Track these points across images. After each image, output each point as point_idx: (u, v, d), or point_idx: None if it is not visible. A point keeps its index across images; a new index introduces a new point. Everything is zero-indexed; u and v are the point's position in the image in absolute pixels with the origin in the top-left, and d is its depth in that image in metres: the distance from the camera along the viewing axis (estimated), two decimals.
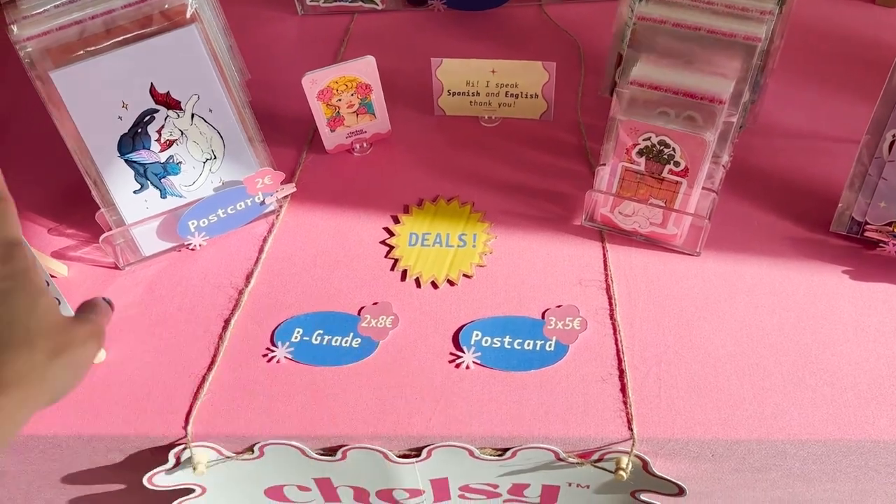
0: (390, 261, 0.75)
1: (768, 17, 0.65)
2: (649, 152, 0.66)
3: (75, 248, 0.78)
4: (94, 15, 0.66)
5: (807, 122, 0.83)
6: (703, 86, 0.63)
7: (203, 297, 0.74)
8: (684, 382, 0.65)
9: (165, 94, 0.69)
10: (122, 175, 0.72)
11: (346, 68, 0.75)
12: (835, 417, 0.62)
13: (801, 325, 0.67)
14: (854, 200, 0.70)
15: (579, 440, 0.63)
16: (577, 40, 0.94)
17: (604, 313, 0.69)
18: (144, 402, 0.67)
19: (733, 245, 0.73)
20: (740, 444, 0.63)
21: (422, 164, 0.83)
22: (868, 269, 0.70)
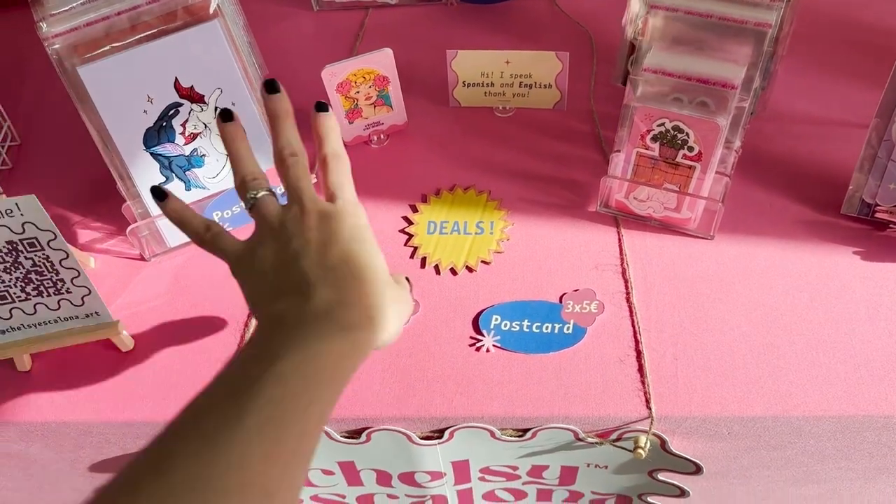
0: (410, 248, 0.76)
1: (778, 3, 0.67)
2: (663, 138, 0.68)
3: (102, 241, 0.80)
4: (120, 11, 0.67)
5: (816, 107, 0.84)
6: (715, 71, 0.65)
7: (227, 287, 0.73)
8: (700, 362, 0.66)
9: (189, 88, 0.71)
10: (148, 168, 0.73)
11: (364, 61, 0.77)
12: (849, 394, 0.63)
13: (813, 305, 0.69)
14: (864, 183, 0.71)
15: (598, 419, 0.65)
16: (588, 31, 0.95)
17: (620, 296, 0.71)
18: (172, 389, 0.69)
19: (746, 228, 0.74)
20: (756, 421, 0.64)
21: (438, 154, 0.85)
22: (879, 250, 0.72)
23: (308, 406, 0.42)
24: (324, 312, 0.46)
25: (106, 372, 0.70)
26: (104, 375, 0.70)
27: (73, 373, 0.70)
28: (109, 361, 0.71)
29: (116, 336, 0.70)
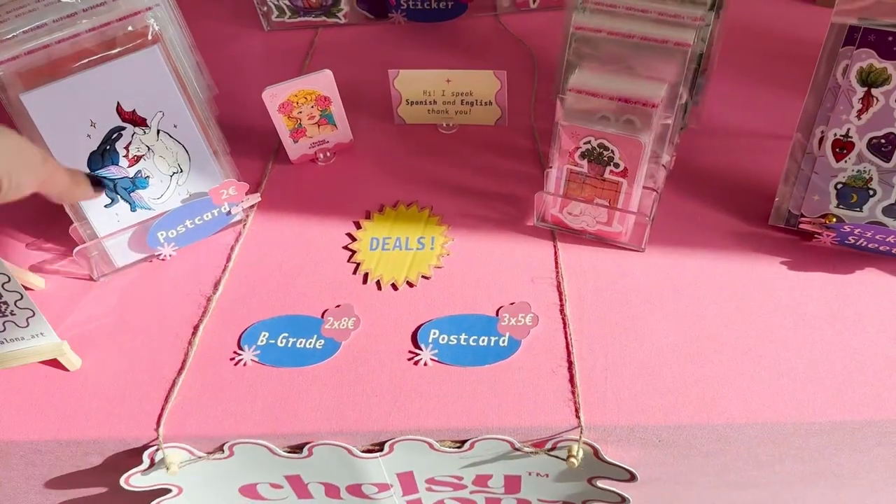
0: (352, 265, 0.78)
1: (699, 22, 0.69)
2: (590, 155, 0.70)
3: (52, 262, 0.81)
4: (61, 39, 0.69)
5: (748, 120, 0.87)
6: (637, 91, 0.67)
7: (173, 304, 0.77)
8: (629, 372, 0.68)
9: (131, 112, 0.72)
10: None
11: (304, 82, 0.79)
12: (772, 401, 0.65)
13: (740, 315, 0.71)
14: (790, 194, 0.73)
15: (531, 430, 0.67)
16: (530, 49, 0.97)
17: (554, 309, 0.73)
18: (118, 405, 0.70)
19: (677, 240, 0.76)
20: (684, 429, 0.66)
21: (383, 171, 0.86)
22: (804, 260, 0.74)
23: None
24: None
25: (54, 391, 0.71)
26: (52, 394, 0.71)
27: (20, 393, 0.71)
28: (57, 380, 0.72)
29: (62, 356, 0.71)
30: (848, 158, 0.69)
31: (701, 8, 0.70)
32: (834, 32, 0.64)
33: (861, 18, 0.63)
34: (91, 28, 0.70)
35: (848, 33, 0.64)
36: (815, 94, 0.68)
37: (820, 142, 0.70)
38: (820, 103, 0.68)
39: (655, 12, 0.70)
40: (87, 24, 0.69)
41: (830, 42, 0.65)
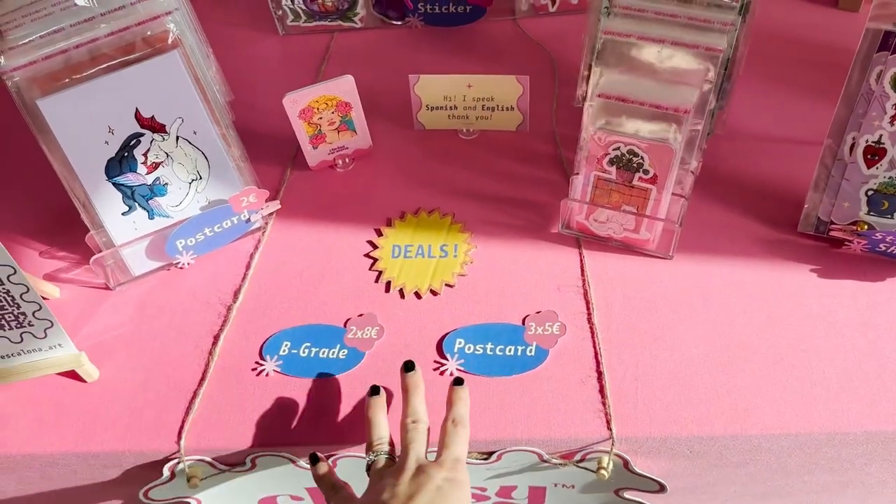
0: (374, 273, 0.77)
1: (730, 28, 0.68)
2: (619, 161, 0.69)
3: (67, 270, 0.80)
4: (79, 44, 0.68)
5: (773, 125, 0.86)
6: (668, 97, 0.66)
7: (192, 314, 0.75)
8: (660, 382, 0.67)
9: (150, 119, 0.71)
10: (111, 198, 0.74)
11: (325, 88, 0.78)
12: (805, 411, 0.64)
13: (770, 323, 0.70)
14: (819, 201, 0.72)
15: (561, 441, 0.65)
16: (550, 53, 0.96)
17: (582, 318, 0.72)
18: (138, 418, 0.69)
19: (705, 247, 0.75)
20: (716, 440, 0.65)
21: (403, 177, 0.85)
22: (834, 267, 0.73)
23: None
24: None
25: (71, 403, 0.70)
26: (69, 406, 0.70)
27: (37, 404, 0.70)
28: (75, 392, 0.71)
29: (80, 367, 0.70)
30: (879, 165, 0.68)
31: (731, 13, 0.69)
32: (868, 38, 0.63)
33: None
34: (109, 33, 0.68)
35: (883, 39, 0.63)
36: (847, 99, 0.67)
37: (851, 148, 0.69)
38: (852, 109, 0.67)
39: (685, 17, 0.69)
40: (105, 28, 0.68)
41: (865, 47, 0.64)
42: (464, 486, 0.57)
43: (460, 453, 0.60)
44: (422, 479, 0.56)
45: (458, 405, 0.63)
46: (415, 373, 0.64)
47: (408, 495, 0.55)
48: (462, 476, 0.58)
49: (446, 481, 0.56)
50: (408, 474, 0.57)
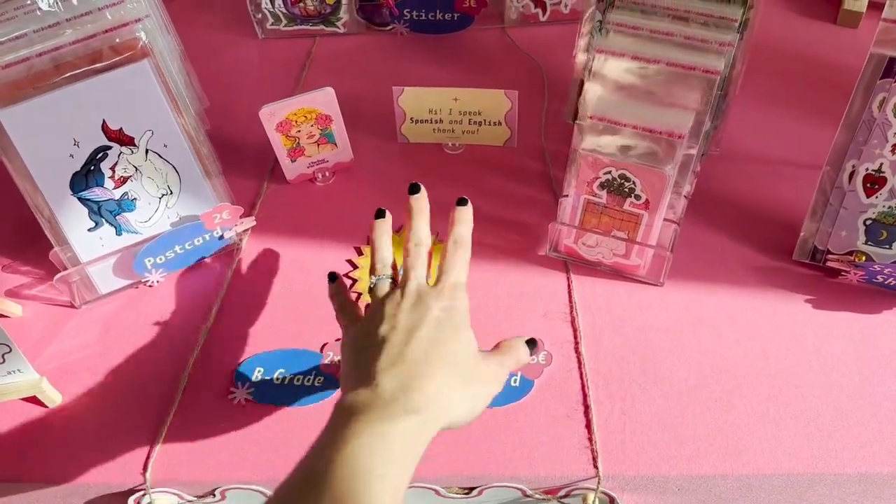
0: (354, 294, 0.74)
1: (728, 48, 0.65)
2: (610, 186, 0.66)
3: (30, 287, 0.76)
4: (42, 52, 0.64)
5: (769, 146, 0.83)
6: (663, 121, 0.63)
7: (161, 335, 0.72)
8: (649, 417, 0.64)
9: (118, 131, 0.67)
10: (76, 213, 0.70)
11: (304, 100, 0.74)
12: (798, 451, 0.62)
13: (764, 356, 0.67)
14: (816, 229, 0.70)
15: (545, 478, 0.63)
16: (540, 65, 0.93)
17: (569, 346, 0.69)
18: (102, 446, 0.65)
19: (697, 274, 0.73)
20: (705, 480, 0.62)
21: (385, 192, 0.82)
22: (830, 298, 0.70)
23: (380, 481, 0.46)
24: (389, 398, 0.50)
25: (31, 429, 0.66)
26: (29, 433, 0.66)
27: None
28: (35, 418, 0.67)
29: (41, 393, 0.66)
30: (879, 194, 0.66)
31: (729, 32, 0.66)
32: (872, 64, 0.61)
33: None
34: (74, 40, 0.65)
35: (887, 65, 0.60)
36: (848, 126, 0.65)
37: (850, 176, 0.66)
38: (852, 136, 0.65)
39: (682, 36, 0.66)
40: (71, 35, 0.65)
41: (868, 73, 0.61)
42: (462, 312, 0.56)
43: (459, 277, 0.59)
44: (421, 311, 0.55)
45: (460, 226, 0.61)
46: (420, 196, 0.63)
47: (407, 330, 0.54)
48: (460, 303, 0.57)
49: (444, 311, 0.55)
50: (407, 302, 0.56)
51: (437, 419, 0.51)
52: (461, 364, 0.54)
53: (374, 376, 0.51)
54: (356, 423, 0.48)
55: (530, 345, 0.59)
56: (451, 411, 0.52)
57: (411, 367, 0.52)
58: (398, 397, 0.50)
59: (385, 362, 0.52)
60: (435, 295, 0.56)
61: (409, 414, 0.49)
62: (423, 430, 0.50)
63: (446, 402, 0.52)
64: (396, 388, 0.50)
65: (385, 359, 0.52)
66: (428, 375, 0.51)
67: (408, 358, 0.52)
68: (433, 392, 0.51)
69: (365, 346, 0.54)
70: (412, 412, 0.49)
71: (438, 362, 0.52)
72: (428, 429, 0.50)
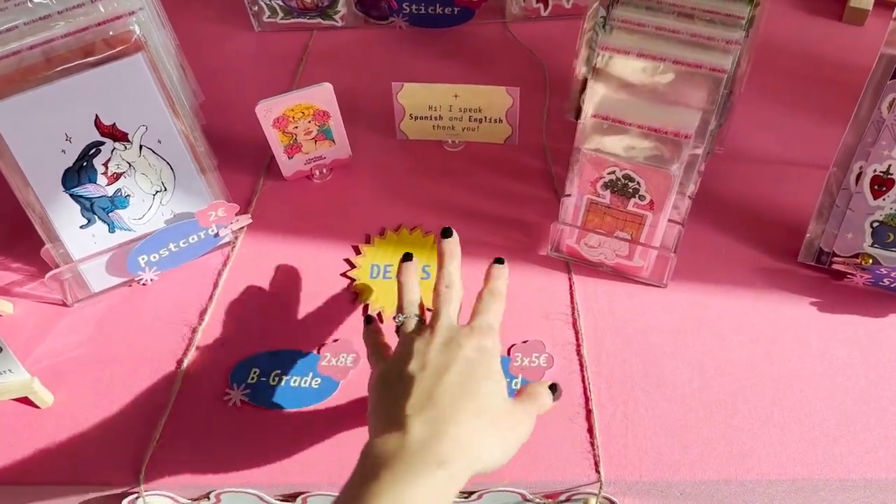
0: (351, 294, 0.72)
1: (734, 46, 0.64)
2: (614, 186, 0.65)
3: (21, 284, 0.75)
4: (34, 44, 0.62)
5: (774, 144, 0.82)
6: (669, 120, 0.62)
7: (155, 335, 0.71)
8: (651, 422, 0.63)
9: (111, 126, 0.66)
10: (68, 210, 0.68)
11: (302, 96, 0.73)
12: (803, 456, 0.61)
13: (769, 360, 0.66)
14: (822, 231, 0.69)
15: (546, 483, 0.62)
16: (541, 60, 0.92)
17: (570, 349, 0.68)
18: (94, 448, 0.64)
19: (700, 275, 0.72)
20: (708, 485, 0.62)
21: (384, 190, 0.81)
22: (836, 301, 0.69)
23: None
24: (418, 447, 0.48)
25: (22, 430, 0.65)
26: (20, 434, 0.65)
27: None
28: (26, 419, 0.66)
29: (32, 393, 0.65)
30: (887, 196, 0.65)
31: (736, 30, 0.65)
32: (882, 64, 0.60)
33: None
34: (67, 33, 0.63)
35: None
36: (856, 126, 0.63)
37: (858, 177, 0.65)
38: (861, 137, 0.64)
39: (687, 33, 0.64)
40: (63, 27, 0.63)
41: (878, 74, 0.60)
42: (493, 354, 0.55)
43: (493, 321, 0.58)
44: (452, 350, 0.54)
45: (497, 281, 0.61)
46: (452, 239, 0.62)
47: (438, 369, 0.52)
48: (492, 343, 0.56)
49: (476, 351, 0.54)
50: (438, 340, 0.55)
51: (468, 467, 0.49)
52: (493, 407, 0.52)
53: (404, 421, 0.49)
54: (381, 479, 0.47)
55: (552, 389, 0.58)
56: (484, 457, 0.50)
57: (442, 410, 0.50)
58: (428, 446, 0.48)
59: (415, 404, 0.51)
60: (466, 334, 0.55)
61: (438, 465, 0.48)
62: (451, 481, 0.48)
63: (477, 448, 0.50)
64: (426, 436, 0.49)
65: (414, 400, 0.51)
66: (459, 420, 0.50)
67: (438, 401, 0.51)
68: (464, 438, 0.49)
69: (393, 384, 0.53)
70: (441, 464, 0.48)
71: (470, 406, 0.51)
72: (458, 478, 0.49)
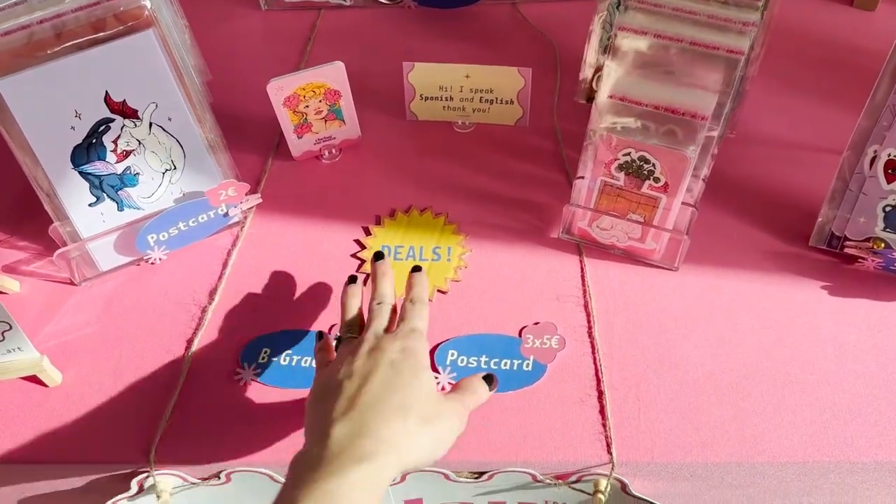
0: (361, 275, 0.72)
1: (751, 28, 0.63)
2: (629, 168, 0.64)
3: (28, 262, 0.74)
4: (43, 19, 0.62)
5: (786, 129, 0.82)
6: (685, 101, 0.61)
7: (164, 314, 0.70)
8: (663, 403, 0.63)
9: (121, 103, 0.65)
10: (77, 187, 0.68)
11: (313, 74, 0.72)
12: (814, 439, 0.61)
13: (780, 343, 0.66)
14: (834, 216, 0.69)
15: (557, 464, 0.62)
16: (552, 41, 0.91)
17: (582, 331, 0.68)
18: (103, 427, 0.64)
19: (712, 259, 0.72)
20: (719, 466, 0.62)
21: (394, 171, 0.80)
22: (847, 284, 0.70)
23: None
24: (339, 449, 0.49)
25: (31, 409, 0.65)
26: (29, 413, 0.65)
27: None
28: (35, 397, 0.66)
29: (41, 372, 0.65)
30: None
31: (752, 12, 0.64)
32: None
33: None
34: (77, 7, 0.62)
35: None
36: (871, 110, 0.63)
37: (872, 161, 0.65)
38: (876, 120, 0.63)
39: (704, 15, 0.64)
40: (73, 2, 0.62)
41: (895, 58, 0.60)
42: (419, 353, 0.56)
43: (417, 324, 0.59)
44: (376, 356, 0.55)
45: (417, 287, 0.62)
46: (383, 261, 0.64)
47: (363, 375, 0.54)
48: (416, 343, 0.57)
49: (400, 352, 0.55)
50: (365, 348, 0.56)
51: (395, 462, 0.50)
52: (420, 403, 0.53)
53: (327, 428, 0.51)
54: (304, 483, 0.48)
55: (488, 381, 0.59)
56: (412, 452, 0.52)
57: (363, 412, 0.51)
58: (346, 447, 0.49)
59: (338, 411, 0.52)
60: (390, 339, 0.57)
61: (361, 462, 0.49)
62: (377, 475, 0.49)
63: (404, 443, 0.51)
64: (345, 438, 0.50)
65: (339, 406, 0.52)
66: (382, 418, 0.51)
67: (360, 403, 0.52)
68: (388, 434, 0.50)
69: (324, 396, 0.54)
70: (362, 460, 0.49)
71: (395, 403, 0.52)
72: (384, 474, 0.50)
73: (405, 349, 0.56)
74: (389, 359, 0.55)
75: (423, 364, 0.56)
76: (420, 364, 0.56)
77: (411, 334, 0.58)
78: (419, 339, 0.58)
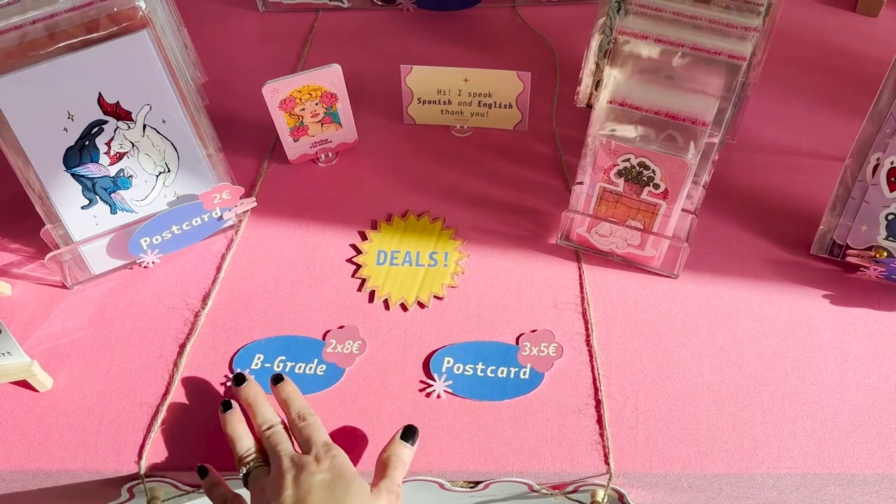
0: (357, 281, 0.71)
1: (753, 33, 0.63)
2: (628, 174, 0.64)
3: (19, 265, 0.73)
4: (36, 19, 0.61)
5: (787, 135, 0.81)
6: (686, 106, 0.60)
7: (157, 319, 0.69)
8: (662, 413, 0.62)
9: (115, 105, 0.64)
10: (69, 190, 0.67)
11: (310, 77, 0.71)
12: (814, 450, 0.61)
13: (780, 353, 0.66)
14: (835, 224, 0.68)
15: (554, 473, 0.61)
16: (552, 45, 0.90)
17: (580, 339, 0.67)
18: (94, 433, 0.63)
19: (712, 266, 0.71)
20: (718, 477, 0.61)
21: (391, 175, 0.79)
22: (848, 294, 0.69)
23: None
24: None
25: (21, 414, 0.64)
26: (18, 419, 0.64)
27: None
28: (25, 402, 0.65)
29: (32, 377, 0.64)
30: None
31: (755, 17, 0.64)
32: None
33: None
34: (70, 7, 0.61)
35: None
36: (875, 117, 0.62)
37: (874, 169, 0.64)
38: (879, 128, 0.63)
39: (706, 19, 0.63)
40: (66, 2, 0.61)
41: None
42: (344, 465, 0.56)
43: (325, 437, 0.59)
44: (305, 481, 0.54)
45: (296, 402, 0.61)
46: (247, 384, 0.62)
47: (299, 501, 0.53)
48: (340, 457, 0.57)
49: (328, 471, 0.55)
50: (288, 477, 0.55)
51: None
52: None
53: None
54: None
55: (408, 436, 0.59)
56: None
57: None
58: None
59: None
60: (311, 461, 0.56)
61: None
62: None
63: None
64: None
65: None
66: None
67: None
68: None
69: None
70: None
71: None
72: None
73: (332, 466, 0.56)
74: (320, 480, 0.54)
75: (352, 472, 0.56)
76: (349, 475, 0.55)
77: (328, 449, 0.57)
78: (337, 451, 0.57)
